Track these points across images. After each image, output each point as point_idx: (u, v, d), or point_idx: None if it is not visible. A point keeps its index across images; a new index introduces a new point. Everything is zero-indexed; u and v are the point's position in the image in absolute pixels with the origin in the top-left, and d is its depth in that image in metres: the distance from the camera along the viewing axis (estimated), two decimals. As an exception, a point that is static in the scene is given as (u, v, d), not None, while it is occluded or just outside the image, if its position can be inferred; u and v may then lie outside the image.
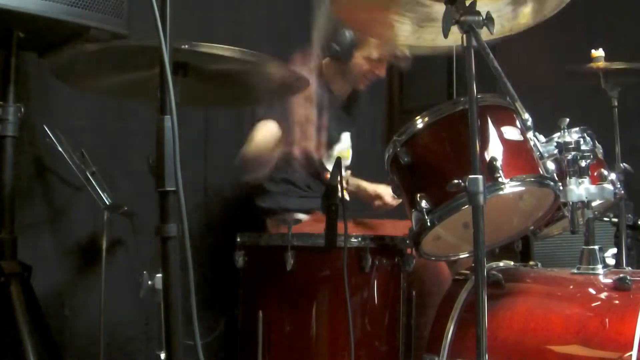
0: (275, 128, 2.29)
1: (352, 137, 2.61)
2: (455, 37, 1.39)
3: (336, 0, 1.65)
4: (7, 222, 1.88)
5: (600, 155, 1.89)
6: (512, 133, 1.64)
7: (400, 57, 2.48)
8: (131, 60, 1.42)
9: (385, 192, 2.43)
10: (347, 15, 1.74)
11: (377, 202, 2.49)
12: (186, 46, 1.32)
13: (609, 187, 1.70)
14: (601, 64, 2.14)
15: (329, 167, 2.46)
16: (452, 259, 1.91)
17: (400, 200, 2.26)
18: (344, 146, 2.57)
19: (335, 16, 2.33)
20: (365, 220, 2.41)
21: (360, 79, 2.50)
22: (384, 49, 2.44)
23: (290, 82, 1.69)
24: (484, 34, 1.36)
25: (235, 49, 1.39)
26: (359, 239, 1.78)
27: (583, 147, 1.66)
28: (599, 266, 1.67)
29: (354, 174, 2.55)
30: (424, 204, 1.60)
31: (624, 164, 2.08)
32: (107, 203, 2.14)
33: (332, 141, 2.49)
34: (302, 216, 2.44)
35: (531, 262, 2.00)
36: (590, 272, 1.66)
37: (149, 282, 1.44)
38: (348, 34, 2.40)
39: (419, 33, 1.70)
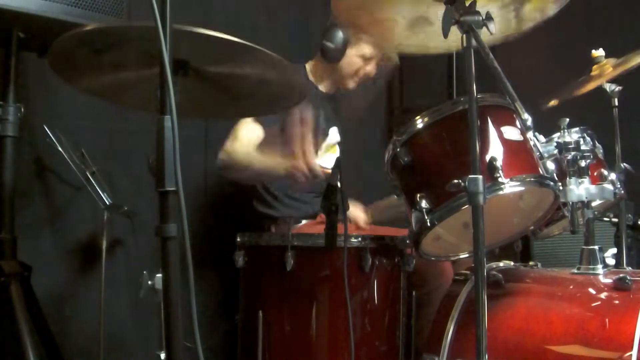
0: (259, 130, 2.28)
1: (339, 133, 2.58)
2: (453, 37, 1.39)
3: (337, 3, 1.65)
4: (7, 222, 1.88)
5: (600, 155, 1.89)
6: (512, 133, 1.64)
7: (389, 59, 2.48)
8: (129, 53, 1.42)
9: (356, 215, 2.36)
10: (347, 17, 1.74)
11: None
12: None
13: (609, 187, 1.70)
14: (602, 63, 2.14)
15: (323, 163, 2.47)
16: (452, 259, 1.91)
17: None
18: (332, 141, 2.54)
19: (335, 17, 2.35)
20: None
21: (352, 77, 2.49)
22: (376, 47, 2.43)
23: (291, 86, 1.68)
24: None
25: (236, 39, 1.37)
26: (359, 239, 1.78)
27: (583, 147, 1.66)
28: (599, 266, 1.67)
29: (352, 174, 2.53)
30: (424, 204, 1.60)
31: (624, 164, 2.08)
32: (107, 203, 2.14)
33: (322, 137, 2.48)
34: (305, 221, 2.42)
35: (531, 262, 2.01)
36: (590, 272, 1.67)
37: (149, 282, 1.44)
38: (341, 33, 2.39)
39: (416, 35, 1.70)
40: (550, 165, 1.65)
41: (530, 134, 1.67)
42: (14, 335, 1.74)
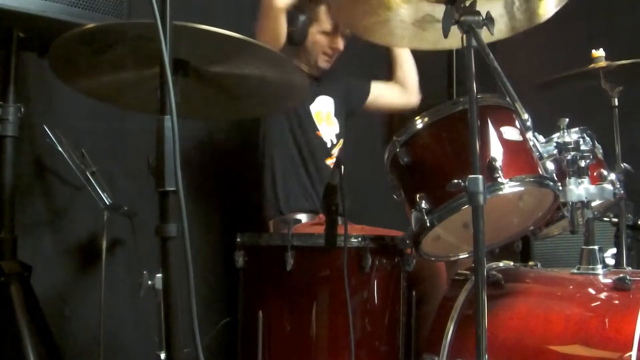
0: None
1: (335, 104, 2.56)
2: (457, 38, 1.39)
3: (335, 6, 1.65)
4: (7, 222, 1.88)
5: (600, 156, 1.89)
6: (511, 133, 1.64)
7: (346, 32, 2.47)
8: (128, 53, 1.42)
9: None
10: (347, 21, 1.74)
11: None
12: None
13: (609, 187, 1.70)
14: (602, 63, 2.14)
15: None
16: (452, 259, 1.91)
17: None
18: (322, 109, 2.53)
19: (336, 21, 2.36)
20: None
21: (320, 55, 2.48)
22: (335, 20, 2.42)
23: (291, 86, 1.68)
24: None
25: (236, 34, 1.37)
26: (359, 239, 1.78)
27: (582, 147, 1.66)
28: (599, 266, 1.67)
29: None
30: (423, 204, 1.60)
31: (624, 164, 2.08)
32: (107, 203, 2.14)
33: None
34: (303, 216, 2.40)
35: (531, 262, 2.01)
36: (590, 272, 1.67)
37: (149, 282, 1.44)
38: (301, 16, 2.39)
39: (420, 35, 1.71)
40: (550, 166, 1.66)
41: (529, 134, 1.67)
42: (14, 335, 1.74)
